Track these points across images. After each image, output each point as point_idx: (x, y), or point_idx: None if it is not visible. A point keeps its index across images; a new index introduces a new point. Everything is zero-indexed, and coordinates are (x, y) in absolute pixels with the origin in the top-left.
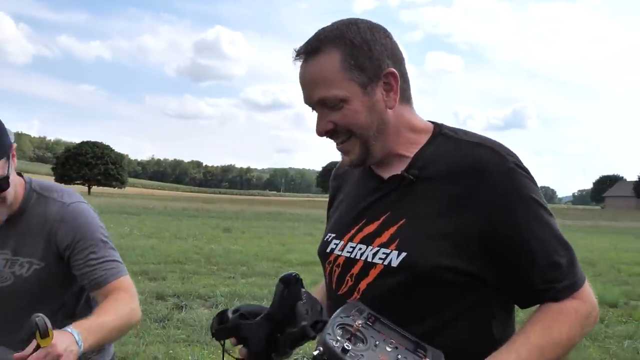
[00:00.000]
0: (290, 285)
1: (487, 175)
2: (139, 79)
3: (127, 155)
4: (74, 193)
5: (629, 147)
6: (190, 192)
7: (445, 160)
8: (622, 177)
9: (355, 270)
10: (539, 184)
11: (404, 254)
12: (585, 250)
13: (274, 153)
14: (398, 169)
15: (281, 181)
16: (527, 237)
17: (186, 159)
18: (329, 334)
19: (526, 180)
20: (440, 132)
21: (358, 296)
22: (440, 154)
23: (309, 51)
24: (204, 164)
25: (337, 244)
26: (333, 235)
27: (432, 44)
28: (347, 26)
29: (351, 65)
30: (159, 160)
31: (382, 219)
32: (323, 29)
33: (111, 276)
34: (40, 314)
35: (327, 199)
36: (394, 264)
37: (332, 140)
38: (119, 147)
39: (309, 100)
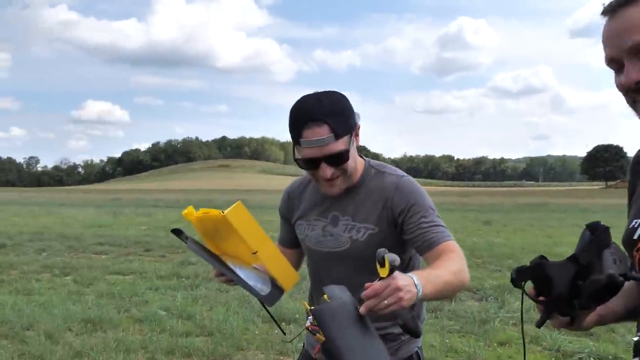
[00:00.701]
0: (597, 232)
1: None
2: (387, 80)
3: (381, 154)
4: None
5: None
6: (444, 186)
7: None
8: None
9: None
10: None
11: None
12: None
13: (530, 141)
14: None
15: (539, 170)
16: None
17: (437, 154)
18: None
19: None
20: None
21: None
22: None
23: (621, 3)
24: (455, 158)
25: None
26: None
27: None
28: None
29: None
30: (411, 157)
31: None
32: None
33: (441, 238)
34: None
35: (595, 187)
36: None
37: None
38: (374, 146)
39: (617, 50)
